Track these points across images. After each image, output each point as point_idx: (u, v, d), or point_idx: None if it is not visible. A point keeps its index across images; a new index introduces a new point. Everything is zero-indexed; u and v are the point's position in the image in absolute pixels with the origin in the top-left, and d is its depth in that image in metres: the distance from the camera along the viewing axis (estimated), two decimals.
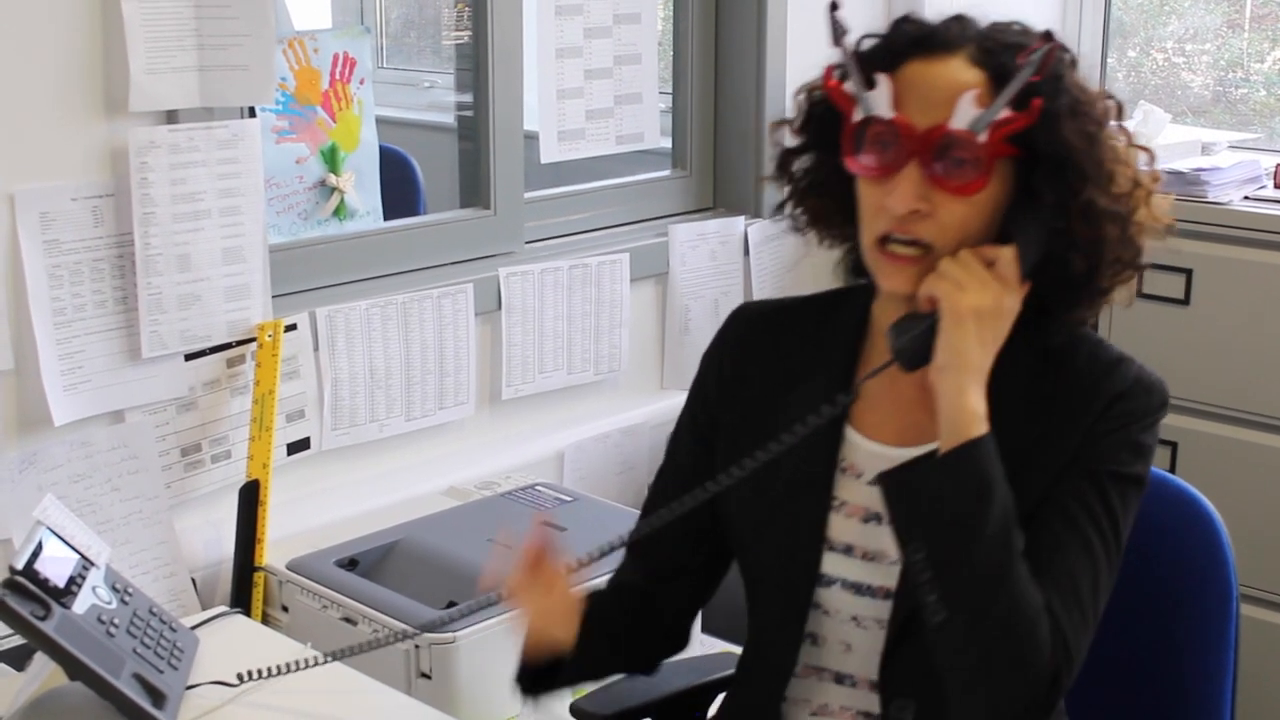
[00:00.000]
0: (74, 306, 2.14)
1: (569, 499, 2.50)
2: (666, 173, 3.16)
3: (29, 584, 1.56)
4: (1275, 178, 2.98)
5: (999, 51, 1.42)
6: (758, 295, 3.10)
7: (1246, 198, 2.94)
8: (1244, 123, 3.51)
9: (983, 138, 1.39)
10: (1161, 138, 3.12)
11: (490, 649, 2.06)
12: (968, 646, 1.39)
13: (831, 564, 1.52)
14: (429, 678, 2.04)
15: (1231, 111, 3.57)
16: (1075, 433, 1.45)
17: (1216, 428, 2.93)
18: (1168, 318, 2.94)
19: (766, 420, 1.55)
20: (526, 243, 2.84)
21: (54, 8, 2.08)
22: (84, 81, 2.12)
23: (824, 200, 1.56)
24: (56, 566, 1.61)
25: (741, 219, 3.09)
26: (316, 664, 1.70)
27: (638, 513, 1.74)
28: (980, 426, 1.40)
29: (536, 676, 1.60)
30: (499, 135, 2.76)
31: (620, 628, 1.66)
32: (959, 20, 1.46)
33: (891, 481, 1.43)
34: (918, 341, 1.43)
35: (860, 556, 1.52)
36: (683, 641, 1.73)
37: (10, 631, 1.59)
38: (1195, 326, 2.92)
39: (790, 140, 1.57)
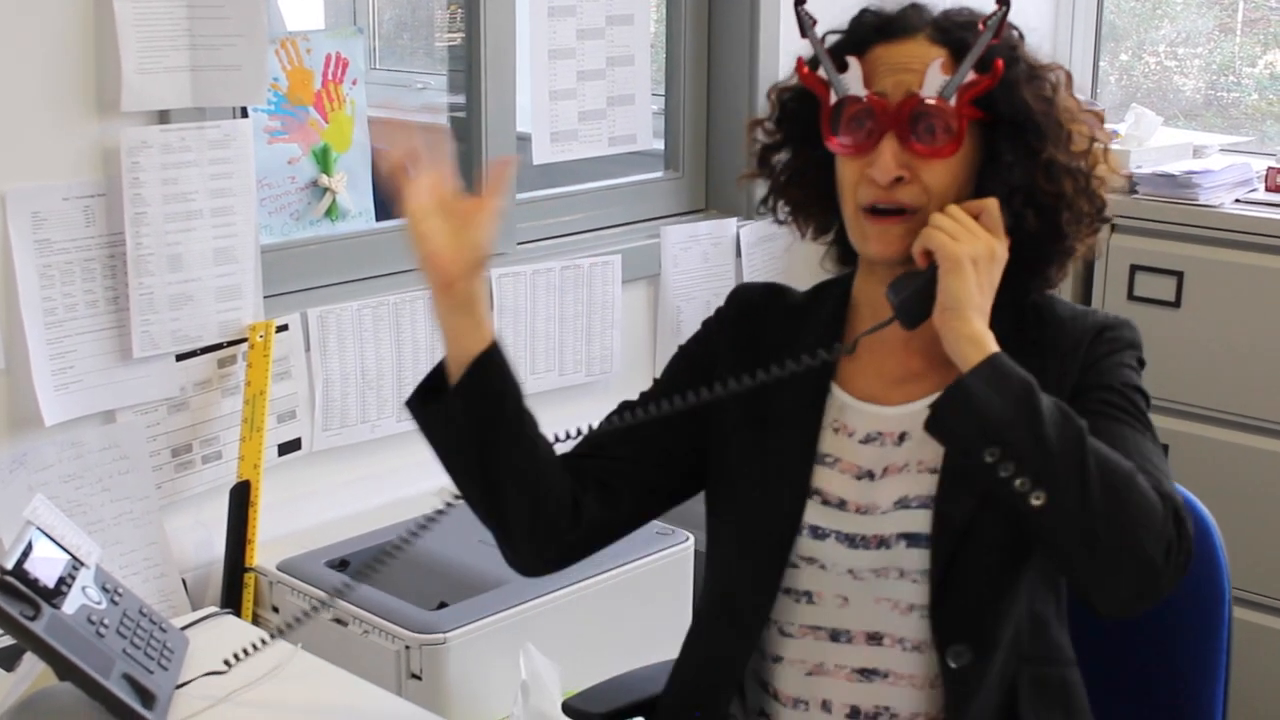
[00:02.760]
0: (65, 306, 2.14)
1: None
2: (659, 174, 3.16)
3: (18, 584, 1.56)
4: (1266, 181, 2.98)
5: (954, 29, 1.52)
6: None
7: (1238, 200, 2.95)
8: (1235, 126, 3.52)
9: (953, 102, 1.48)
10: (1153, 141, 3.13)
11: (481, 650, 2.06)
12: (1085, 512, 1.38)
13: (825, 517, 1.55)
14: (419, 678, 2.04)
15: (1223, 115, 3.58)
16: (1073, 366, 1.52)
17: (1208, 430, 2.94)
18: (1159, 320, 2.94)
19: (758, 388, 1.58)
20: (518, 244, 2.84)
21: (46, 8, 2.07)
22: (76, 81, 2.12)
23: (805, 191, 1.63)
24: (46, 567, 1.60)
25: (734, 220, 3.09)
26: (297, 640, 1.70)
27: None
28: (995, 346, 1.44)
29: (430, 388, 1.54)
30: (491, 136, 2.76)
31: (538, 457, 1.58)
32: (915, 7, 1.56)
33: (942, 403, 1.44)
34: (919, 296, 1.49)
35: (854, 510, 1.55)
36: (570, 529, 1.61)
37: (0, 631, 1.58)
38: (1186, 329, 2.92)
39: (767, 137, 1.65)
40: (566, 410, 2.86)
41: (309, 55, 2.68)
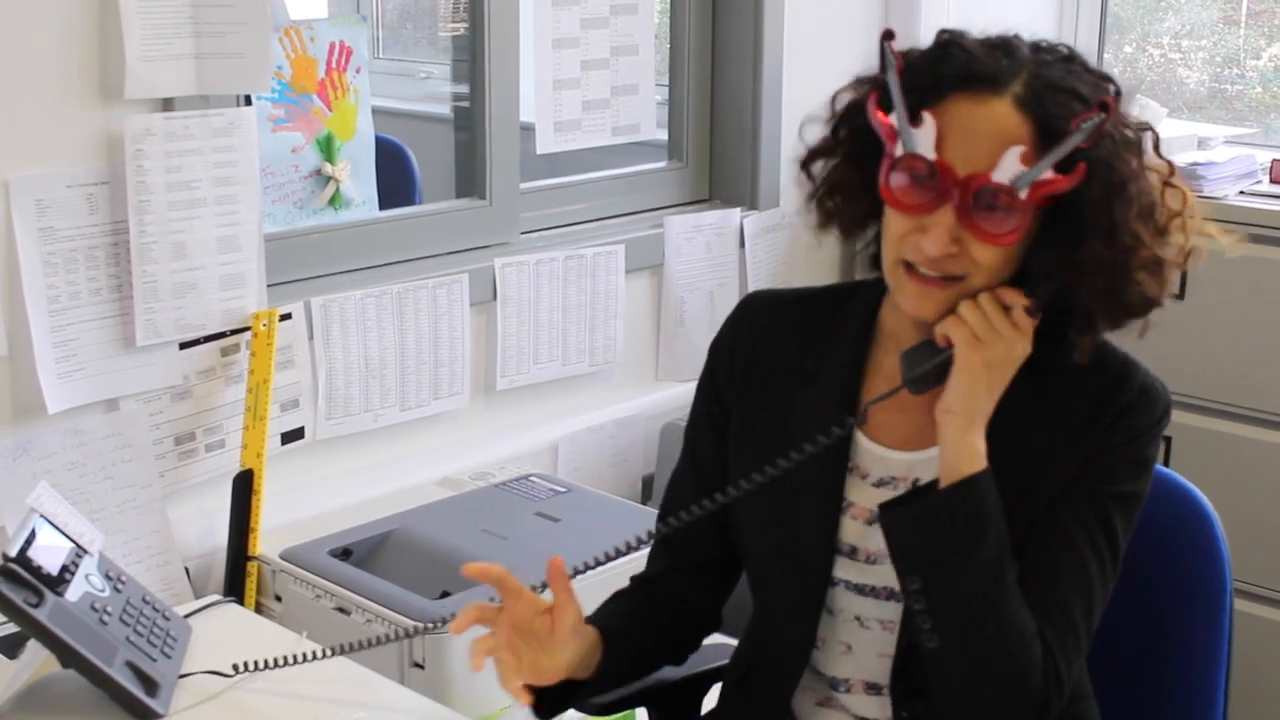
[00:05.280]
0: (69, 294, 2.14)
1: (563, 490, 2.49)
2: (662, 164, 3.16)
3: (22, 571, 1.56)
4: (1271, 172, 2.98)
5: (1046, 98, 1.38)
6: (753, 287, 3.10)
7: (1242, 192, 2.95)
8: (1240, 118, 3.51)
9: (1023, 195, 1.37)
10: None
11: None
12: (958, 672, 1.42)
13: (837, 566, 1.52)
14: (422, 667, 2.04)
15: (1227, 107, 3.57)
16: (1080, 448, 1.46)
17: (1212, 422, 2.94)
18: (1163, 312, 2.93)
19: (777, 419, 1.55)
20: (522, 233, 2.84)
21: None
22: (80, 68, 2.12)
23: (849, 205, 1.53)
24: (50, 554, 1.60)
25: (737, 211, 3.08)
26: (317, 658, 1.69)
27: (631, 504, 1.74)
28: (979, 464, 1.41)
29: (555, 698, 1.56)
30: (495, 126, 2.76)
31: (649, 625, 1.65)
32: (1006, 51, 1.42)
33: (890, 514, 1.44)
34: (929, 375, 1.45)
35: (864, 559, 1.51)
36: (712, 627, 1.72)
37: (3, 619, 1.59)
38: (1191, 321, 2.92)
39: (818, 141, 1.54)
40: (569, 400, 2.87)
41: (313, 43, 2.68)
